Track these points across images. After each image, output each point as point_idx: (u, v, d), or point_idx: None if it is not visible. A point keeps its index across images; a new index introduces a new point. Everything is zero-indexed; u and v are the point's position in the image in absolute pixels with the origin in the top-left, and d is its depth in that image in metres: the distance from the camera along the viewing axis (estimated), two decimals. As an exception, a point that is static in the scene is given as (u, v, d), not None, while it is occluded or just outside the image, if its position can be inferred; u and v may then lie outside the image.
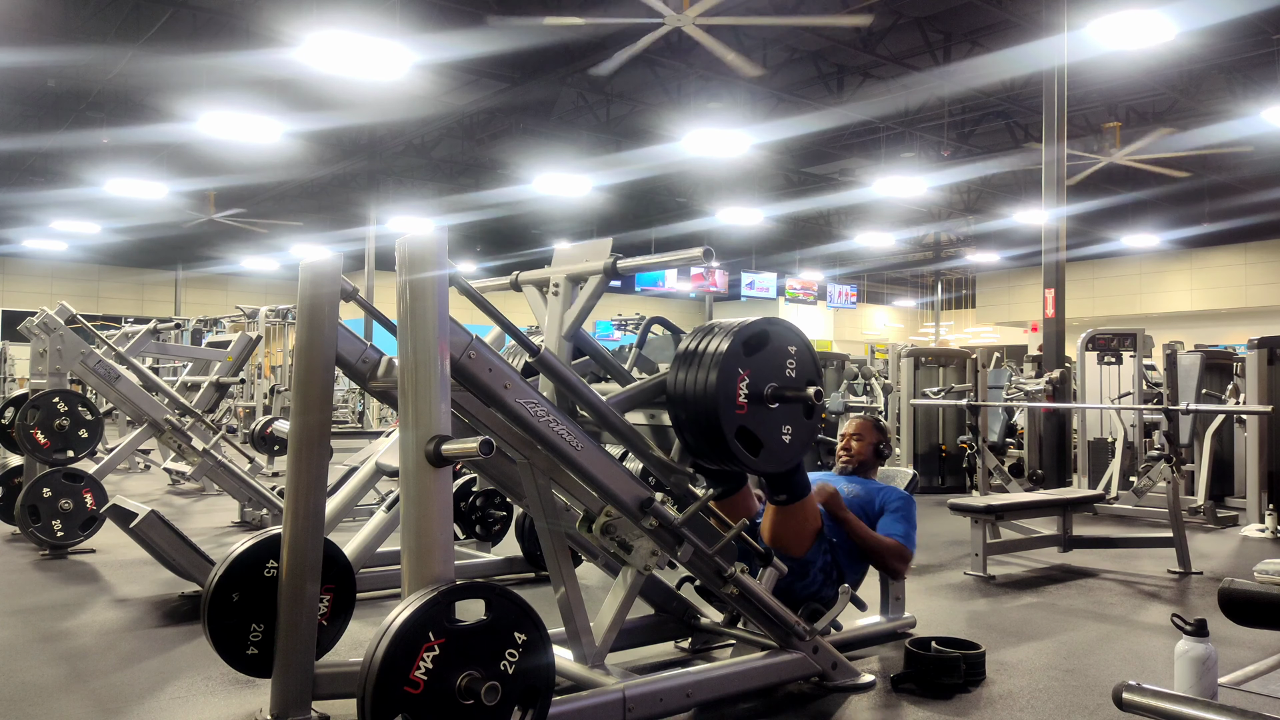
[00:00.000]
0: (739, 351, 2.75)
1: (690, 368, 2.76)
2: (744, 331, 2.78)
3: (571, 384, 2.69)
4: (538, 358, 2.61)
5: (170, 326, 10.13)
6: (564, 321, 2.99)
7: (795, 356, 2.89)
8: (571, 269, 3.02)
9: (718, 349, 2.73)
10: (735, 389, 2.73)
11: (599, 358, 3.09)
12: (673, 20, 8.99)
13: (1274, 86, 11.81)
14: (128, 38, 10.83)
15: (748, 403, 2.75)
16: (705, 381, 2.70)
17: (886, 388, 10.76)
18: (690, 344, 2.82)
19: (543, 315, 3.08)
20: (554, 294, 3.04)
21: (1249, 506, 6.86)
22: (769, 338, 2.84)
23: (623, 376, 3.06)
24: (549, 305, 3.05)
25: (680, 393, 2.77)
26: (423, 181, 18.63)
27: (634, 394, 2.90)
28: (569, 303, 3.00)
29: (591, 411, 2.77)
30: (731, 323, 2.83)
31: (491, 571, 4.76)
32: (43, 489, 5.23)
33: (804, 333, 3.02)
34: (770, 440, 2.82)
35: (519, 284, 3.24)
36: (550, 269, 3.11)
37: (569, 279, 3.02)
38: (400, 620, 2.05)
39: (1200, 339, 13.29)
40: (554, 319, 3.01)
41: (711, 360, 2.72)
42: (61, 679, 3.21)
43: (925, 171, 15.75)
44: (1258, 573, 3.81)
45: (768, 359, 2.82)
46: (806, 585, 3.37)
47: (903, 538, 3.56)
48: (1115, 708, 1.89)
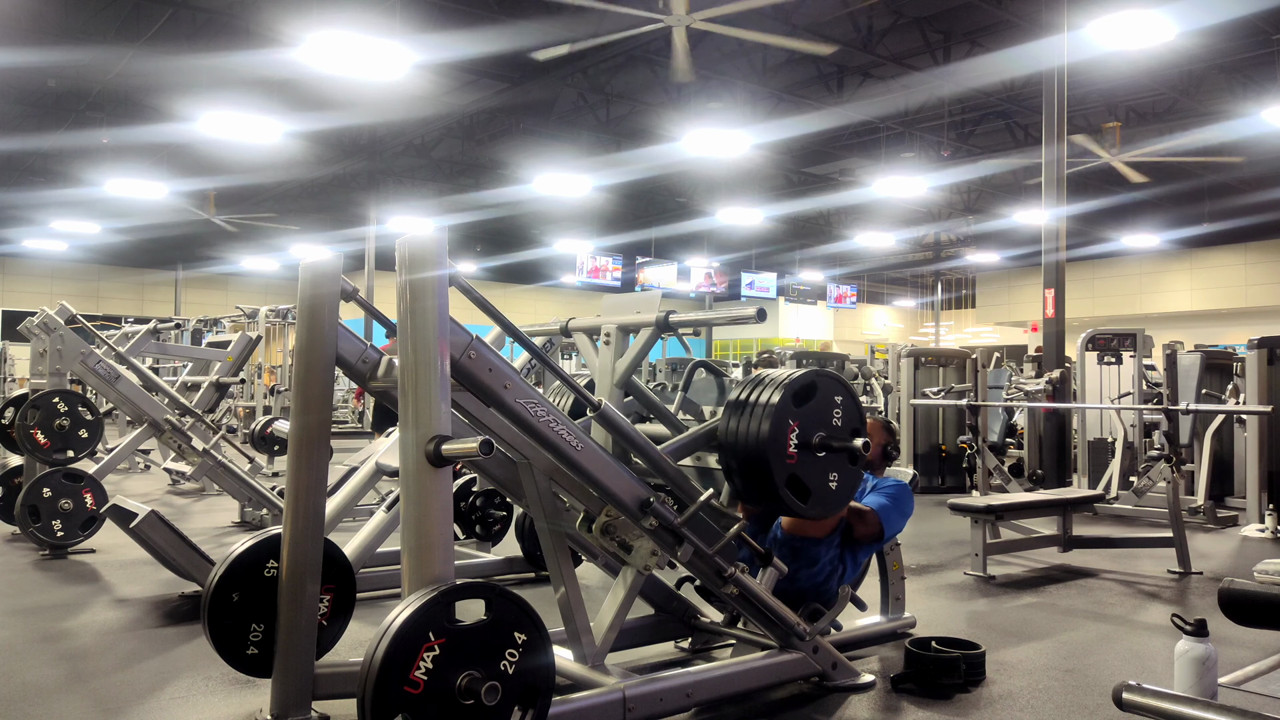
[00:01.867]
0: (789, 403, 2.87)
1: (742, 417, 2.88)
2: (794, 384, 2.90)
3: (630, 438, 2.83)
4: (599, 413, 2.74)
5: (170, 326, 10.13)
6: (616, 370, 3.13)
7: (841, 406, 3.00)
8: (623, 319, 3.16)
9: (769, 400, 2.84)
10: (786, 439, 2.84)
11: (647, 403, 3.29)
12: (672, 21, 8.99)
13: (1274, 86, 11.81)
14: (128, 38, 10.84)
15: (797, 452, 2.87)
16: (757, 431, 2.82)
17: (886, 388, 10.76)
18: (741, 394, 2.94)
19: (593, 361, 3.22)
20: (605, 343, 3.17)
21: (1249, 506, 6.86)
22: (817, 389, 2.95)
23: (669, 420, 3.24)
24: (600, 354, 3.19)
25: (732, 442, 2.89)
26: (423, 181, 18.63)
27: (687, 442, 3.05)
28: (620, 352, 3.14)
29: (647, 461, 2.89)
30: (780, 374, 2.96)
31: (491, 571, 4.76)
32: (43, 489, 5.23)
33: (849, 383, 3.14)
34: (818, 488, 2.93)
35: (569, 331, 3.38)
36: (601, 318, 3.23)
37: (620, 329, 3.16)
38: (400, 620, 2.05)
39: (1200, 339, 13.30)
40: (605, 368, 3.16)
41: (764, 411, 2.83)
42: (61, 679, 3.21)
43: (925, 171, 15.75)
44: (1258, 573, 3.81)
45: (816, 409, 2.94)
46: (813, 575, 3.37)
47: (878, 507, 3.50)
48: (1115, 708, 1.89)
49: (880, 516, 3.49)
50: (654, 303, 3.10)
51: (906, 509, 3.62)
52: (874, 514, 3.48)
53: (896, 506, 3.56)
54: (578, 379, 3.18)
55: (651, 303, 3.11)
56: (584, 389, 2.82)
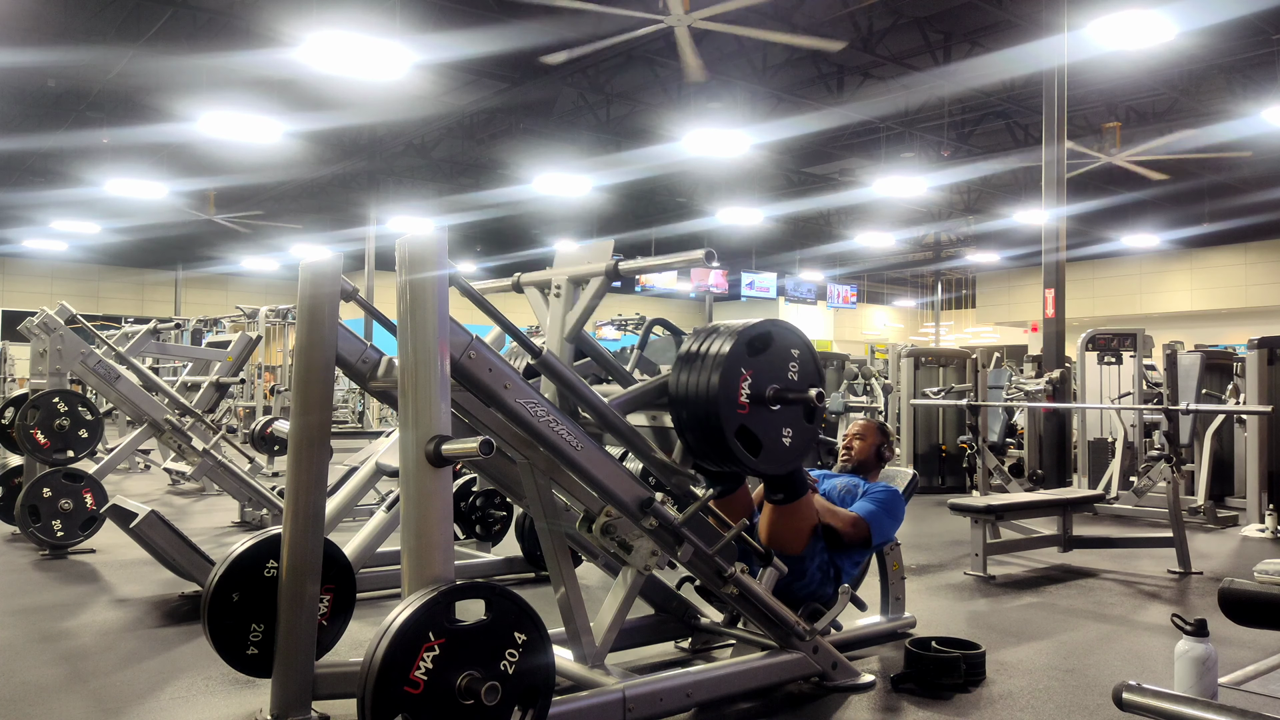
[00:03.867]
0: (742, 352, 2.75)
1: (693, 368, 2.76)
2: (747, 332, 2.78)
3: (573, 385, 2.68)
4: (540, 359, 2.61)
5: (170, 326, 10.14)
6: (566, 323, 2.98)
7: (798, 359, 2.89)
8: (573, 271, 3.01)
9: (720, 349, 2.73)
10: (737, 389, 2.73)
11: (600, 359, 3.09)
12: (672, 20, 8.99)
13: (1274, 86, 11.81)
14: (128, 38, 10.83)
15: (749, 403, 2.75)
16: (708, 382, 2.70)
17: (886, 388, 10.76)
18: (693, 345, 2.82)
19: (544, 316, 3.07)
20: (556, 295, 3.03)
21: (1249, 506, 6.86)
22: (772, 339, 2.84)
23: (624, 378, 3.06)
24: (550, 307, 3.05)
25: (682, 393, 2.77)
26: (423, 181, 18.63)
27: (636, 395, 2.90)
28: (571, 304, 3.00)
29: (593, 413, 2.76)
30: (735, 324, 2.83)
31: (491, 571, 4.76)
32: (43, 489, 5.23)
33: (807, 335, 3.02)
34: (770, 442, 2.82)
35: (520, 285, 3.24)
36: (552, 270, 3.10)
37: (571, 281, 3.01)
38: (400, 620, 2.05)
39: (1200, 339, 13.31)
40: (556, 320, 3.01)
41: (714, 360, 2.72)
42: (61, 679, 3.21)
43: (925, 171, 15.74)
44: (1258, 573, 3.81)
45: (770, 360, 2.83)
46: (805, 585, 3.36)
47: (866, 514, 3.47)
48: (1115, 708, 1.89)
49: (869, 523, 3.46)
50: (605, 252, 2.96)
51: (898, 514, 3.60)
52: (863, 521, 3.46)
53: (886, 512, 3.54)
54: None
55: (603, 252, 2.97)
56: (526, 336, 2.67)
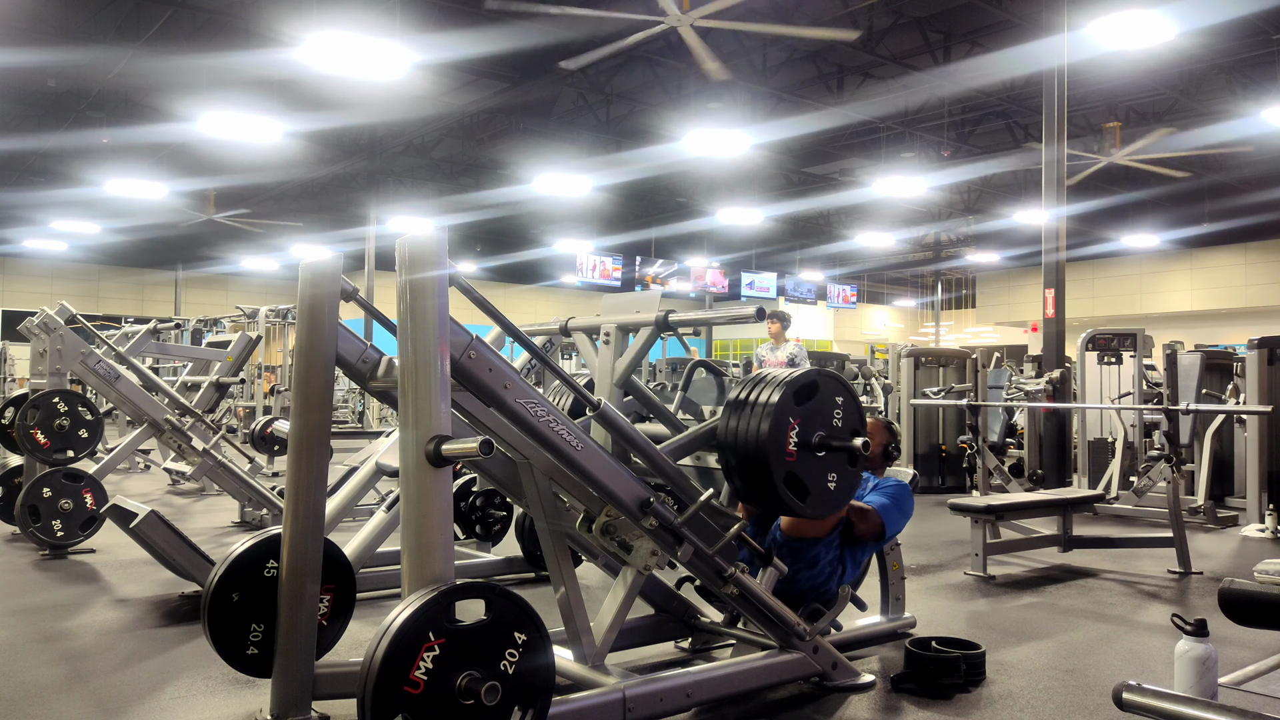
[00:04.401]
0: (790, 401, 2.86)
1: (742, 416, 2.86)
2: (795, 382, 2.89)
3: (630, 437, 2.81)
4: (598, 412, 2.73)
5: (170, 326, 10.13)
6: (615, 370, 3.11)
7: (841, 406, 2.99)
8: (623, 319, 3.14)
9: (770, 399, 2.84)
10: (786, 438, 2.83)
11: (649, 405, 3.27)
12: (673, 20, 8.99)
13: (1274, 86, 11.81)
14: (128, 38, 10.84)
15: (796, 450, 2.86)
16: (758, 429, 2.81)
17: (886, 388, 10.76)
18: (742, 393, 2.92)
19: (592, 361, 3.21)
20: (604, 342, 3.16)
21: (1249, 506, 6.86)
22: (818, 389, 2.94)
23: (669, 420, 3.23)
24: (600, 354, 3.18)
25: (731, 440, 2.88)
26: (423, 181, 18.64)
27: (687, 442, 3.03)
28: (620, 352, 3.13)
29: (646, 460, 2.88)
30: (781, 373, 2.94)
31: (491, 571, 4.76)
32: (43, 489, 5.23)
33: (850, 383, 3.12)
34: (816, 487, 2.91)
35: (569, 330, 3.37)
36: (601, 318, 3.22)
37: (620, 329, 3.14)
38: (400, 620, 2.05)
39: (1200, 339, 13.31)
40: (605, 367, 3.14)
41: (764, 409, 2.82)
42: (61, 679, 3.21)
43: (925, 171, 15.75)
44: (1258, 573, 3.80)
45: (816, 409, 2.93)
46: (813, 576, 3.36)
47: (879, 507, 3.51)
48: (1115, 708, 1.89)
49: (882, 515, 3.49)
50: (654, 302, 3.09)
51: (907, 508, 3.62)
52: (875, 513, 3.49)
53: (897, 506, 3.56)
54: (577, 378, 3.19)
55: (651, 302, 3.10)
56: (583, 388, 2.81)
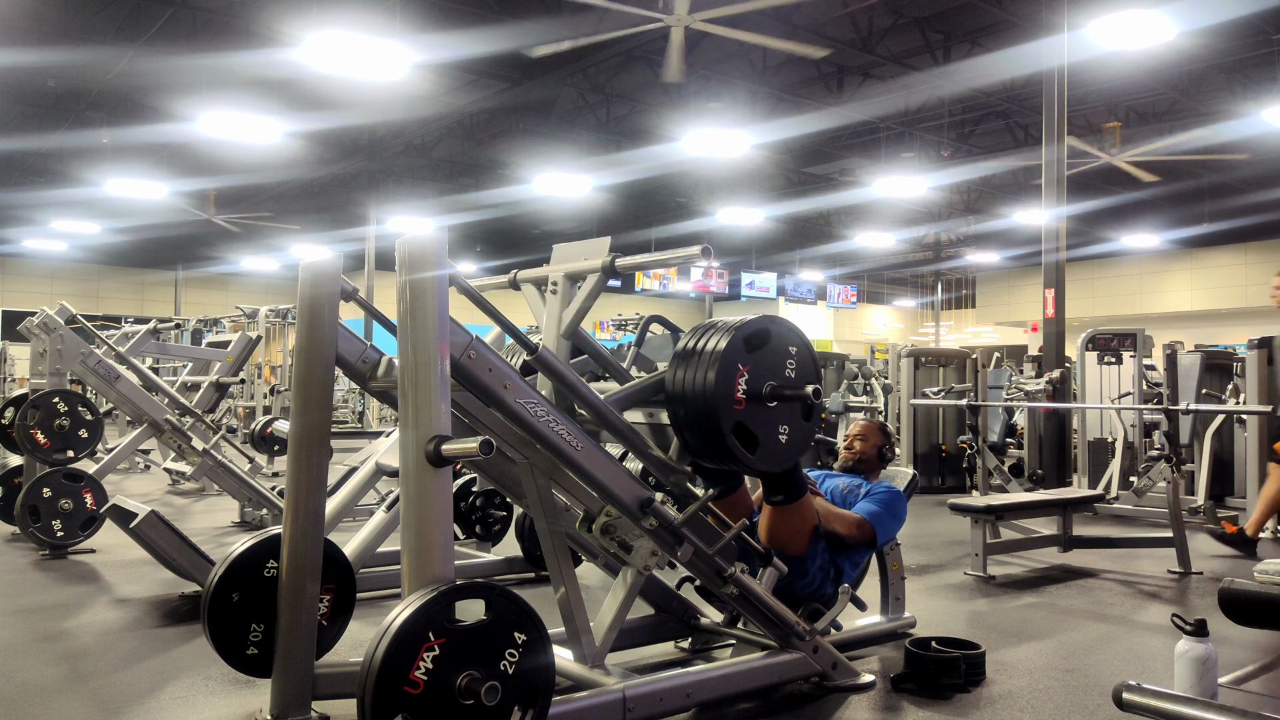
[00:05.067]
0: (739, 348, 2.74)
1: (689, 365, 2.75)
2: (745, 329, 2.78)
3: (570, 382, 2.68)
4: (535, 356, 2.60)
5: (170, 326, 10.13)
6: (562, 320, 2.97)
7: (795, 357, 2.88)
8: (570, 267, 3.00)
9: (717, 345, 2.72)
10: (734, 385, 2.72)
11: (598, 356, 3.07)
12: (672, 20, 8.99)
13: (1274, 86, 11.82)
14: (128, 38, 10.84)
15: (746, 400, 2.74)
16: (704, 378, 2.69)
17: (886, 388, 10.76)
18: (690, 341, 2.81)
19: (541, 314, 3.06)
20: (552, 292, 3.02)
21: (1249, 506, 6.86)
22: (770, 336, 2.83)
23: (621, 375, 3.05)
24: (547, 304, 3.03)
25: (679, 390, 2.76)
26: (423, 181, 18.63)
27: (632, 392, 2.89)
28: (567, 301, 2.98)
29: (590, 410, 2.76)
30: (732, 320, 2.82)
31: (491, 571, 4.76)
32: (43, 489, 5.22)
33: (805, 333, 3.01)
34: (767, 439, 2.81)
35: (517, 282, 3.22)
36: (549, 267, 3.09)
37: (567, 277, 3.00)
38: (400, 620, 2.05)
39: (1200, 339, 13.28)
40: (552, 317, 3.00)
41: (711, 357, 2.71)
42: (61, 679, 3.21)
43: (925, 171, 15.75)
44: (1258, 573, 3.80)
45: (768, 357, 2.82)
46: (807, 584, 3.35)
47: (869, 515, 3.48)
48: (1115, 708, 1.89)
49: (873, 524, 3.48)
50: (602, 249, 2.94)
51: (900, 513, 3.61)
52: (867, 522, 3.47)
53: (889, 512, 3.55)
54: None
55: (599, 249, 2.95)
56: (522, 333, 2.68)
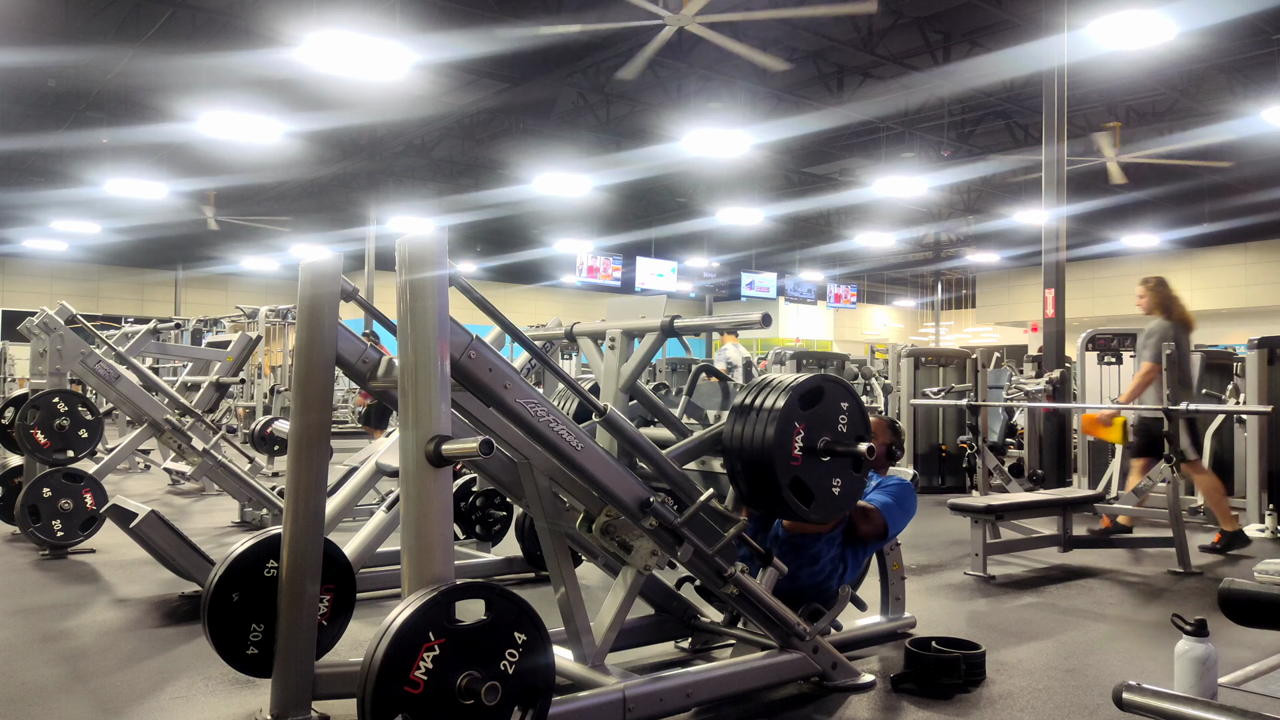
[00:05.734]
0: (796, 406, 2.87)
1: (748, 421, 2.87)
2: (801, 387, 2.90)
3: (636, 443, 2.83)
4: (605, 417, 2.75)
5: (170, 327, 10.14)
6: (621, 375, 3.12)
7: (846, 412, 3.00)
8: (628, 324, 3.15)
9: (775, 404, 2.85)
10: (791, 442, 2.84)
11: (653, 408, 3.27)
12: (673, 20, 9.00)
13: (1274, 86, 11.82)
14: (128, 38, 10.84)
15: (802, 455, 2.87)
16: (763, 434, 2.82)
17: (886, 388, 10.76)
18: (747, 398, 2.93)
19: (598, 366, 3.23)
20: (610, 348, 3.17)
21: (1249, 506, 6.86)
22: (823, 394, 2.95)
23: (674, 425, 3.24)
24: (605, 359, 3.19)
25: (737, 445, 2.89)
26: (423, 181, 18.64)
27: (692, 447, 3.05)
28: (625, 357, 3.14)
29: (652, 465, 2.89)
30: (786, 378, 2.95)
31: (491, 571, 4.76)
32: (43, 489, 5.22)
33: (855, 388, 3.12)
34: (821, 492, 2.92)
35: (574, 335, 3.38)
36: (606, 323, 3.23)
37: (625, 334, 3.15)
38: (400, 620, 2.05)
39: (1200, 339, 13.28)
40: (611, 373, 3.16)
41: (770, 414, 2.84)
42: (61, 679, 3.21)
43: (925, 171, 15.76)
44: (1258, 573, 3.81)
45: (821, 414, 2.94)
46: (815, 574, 3.37)
47: (880, 506, 3.52)
48: (1115, 708, 1.89)
49: (885, 515, 3.50)
50: (659, 307, 3.11)
51: (910, 507, 3.64)
52: (878, 512, 3.50)
53: (900, 505, 3.58)
54: (580, 383, 3.19)
55: (656, 307, 3.12)
56: (588, 393, 2.82)
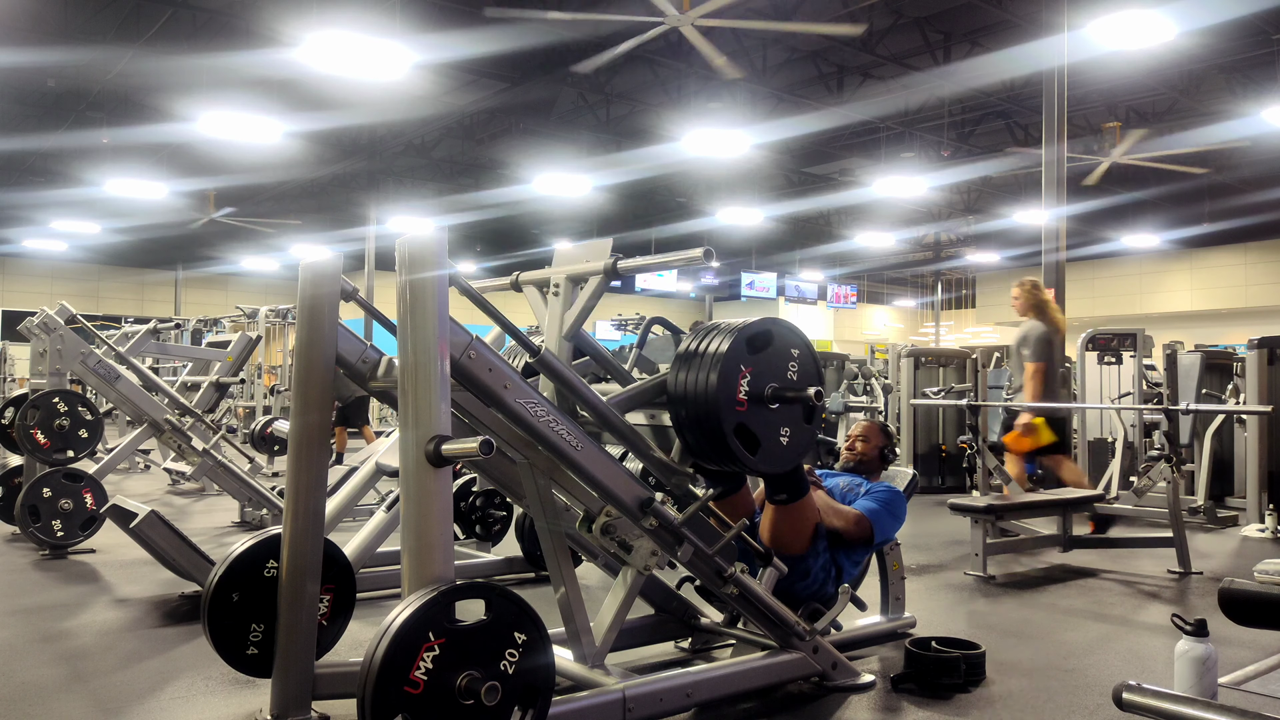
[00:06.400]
0: (742, 349, 2.75)
1: (692, 366, 2.76)
2: (747, 330, 2.78)
3: (572, 384, 2.68)
4: (538, 358, 2.61)
5: (170, 326, 10.13)
6: (564, 322, 2.97)
7: (797, 359, 2.88)
8: (572, 269, 3.01)
9: (720, 347, 2.73)
10: (736, 387, 2.72)
11: (599, 358, 3.08)
12: (673, 20, 9.00)
13: (1274, 86, 11.82)
14: (128, 38, 10.84)
15: (748, 401, 2.75)
16: (707, 380, 2.70)
17: (886, 388, 10.76)
18: (692, 343, 2.82)
19: (543, 315, 3.07)
20: (554, 294, 3.02)
21: (1249, 506, 6.86)
22: (772, 338, 2.84)
23: (623, 377, 3.05)
24: (549, 305, 3.04)
25: (681, 391, 2.76)
26: (423, 181, 18.64)
27: (635, 394, 2.90)
28: (569, 303, 2.99)
29: (592, 412, 2.76)
30: (734, 322, 2.83)
31: (491, 571, 4.76)
32: (43, 489, 5.22)
33: (806, 335, 3.02)
34: (769, 440, 2.81)
35: (519, 284, 3.23)
36: (551, 269, 3.09)
37: (569, 279, 3.00)
38: (400, 620, 2.05)
39: (1200, 339, 13.30)
40: (554, 319, 3.00)
41: (713, 358, 2.71)
42: (61, 679, 3.21)
43: (925, 171, 15.75)
44: (1258, 573, 3.80)
45: (770, 359, 2.82)
46: (808, 585, 3.36)
47: (867, 512, 3.50)
48: (1115, 708, 1.89)
49: (871, 520, 3.49)
50: (604, 250, 2.95)
51: (899, 513, 3.62)
52: (865, 518, 3.48)
53: (888, 511, 3.56)
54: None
55: (601, 250, 2.96)
56: (525, 335, 2.69)
